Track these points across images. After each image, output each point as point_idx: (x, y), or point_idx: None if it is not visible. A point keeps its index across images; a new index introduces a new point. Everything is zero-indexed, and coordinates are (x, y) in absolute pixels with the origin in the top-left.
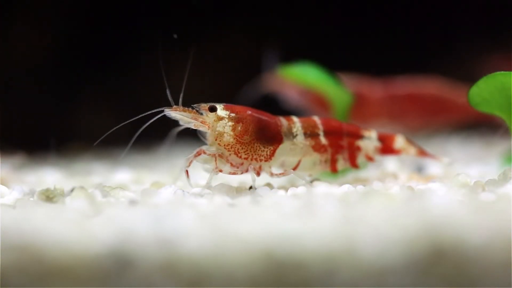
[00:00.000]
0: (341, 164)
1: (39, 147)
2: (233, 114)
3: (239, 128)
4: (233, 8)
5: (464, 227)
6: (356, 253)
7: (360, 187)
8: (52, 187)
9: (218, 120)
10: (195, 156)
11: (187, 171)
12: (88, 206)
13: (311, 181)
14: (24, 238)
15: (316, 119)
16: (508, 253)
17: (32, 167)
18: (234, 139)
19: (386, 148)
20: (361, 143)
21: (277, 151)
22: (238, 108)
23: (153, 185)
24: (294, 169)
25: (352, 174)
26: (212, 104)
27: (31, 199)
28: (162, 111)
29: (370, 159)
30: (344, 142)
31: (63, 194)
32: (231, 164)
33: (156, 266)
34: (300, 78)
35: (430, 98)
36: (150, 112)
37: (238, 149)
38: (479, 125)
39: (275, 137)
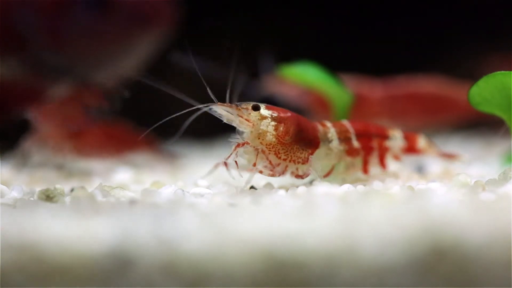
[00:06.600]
0: (372, 165)
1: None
2: (275, 114)
3: (281, 128)
4: (232, 8)
5: (464, 227)
6: (356, 252)
7: (360, 187)
8: (52, 187)
9: (262, 119)
10: (236, 147)
11: (225, 162)
12: (88, 206)
13: (311, 181)
14: (24, 238)
15: (346, 123)
16: (508, 253)
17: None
18: (276, 138)
19: (410, 147)
20: (389, 143)
21: (313, 155)
22: (279, 109)
23: (153, 185)
24: (327, 174)
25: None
26: (256, 103)
27: (31, 198)
28: (206, 106)
29: (397, 158)
30: (374, 143)
31: (63, 194)
32: (270, 162)
33: (156, 266)
34: (300, 78)
35: (430, 97)
36: (195, 107)
37: (278, 149)
38: (479, 125)
39: (313, 141)
